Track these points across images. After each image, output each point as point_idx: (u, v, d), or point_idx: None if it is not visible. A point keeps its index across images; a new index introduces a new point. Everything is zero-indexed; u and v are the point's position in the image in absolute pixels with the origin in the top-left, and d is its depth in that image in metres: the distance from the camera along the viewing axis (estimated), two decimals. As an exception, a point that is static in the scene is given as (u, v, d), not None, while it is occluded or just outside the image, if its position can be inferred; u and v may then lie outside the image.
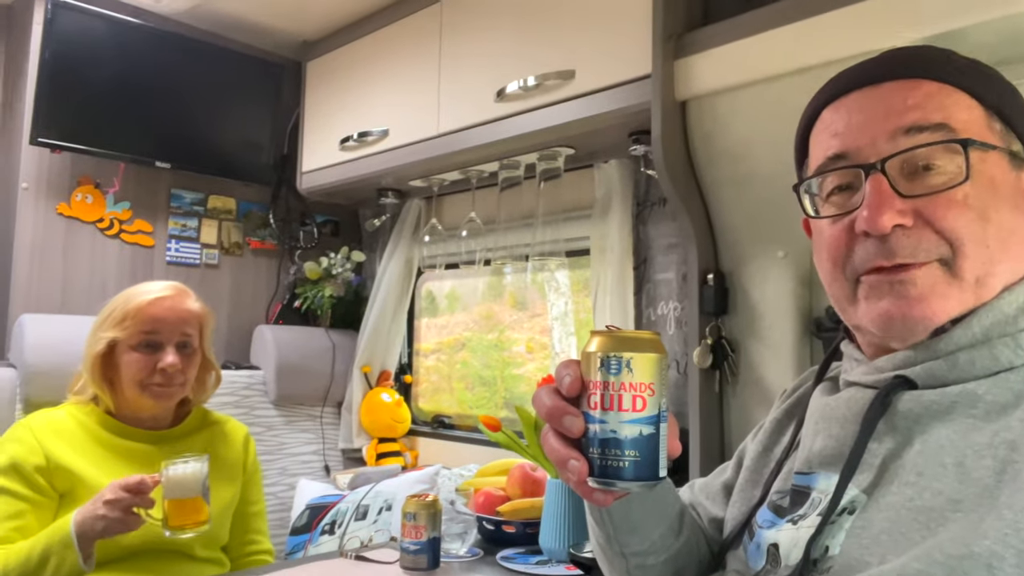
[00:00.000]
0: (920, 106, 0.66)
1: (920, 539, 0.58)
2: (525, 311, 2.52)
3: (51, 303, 2.14)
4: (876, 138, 0.67)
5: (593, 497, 0.63)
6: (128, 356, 1.48)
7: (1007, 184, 0.66)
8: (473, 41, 1.92)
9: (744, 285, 1.51)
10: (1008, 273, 0.65)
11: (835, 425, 0.71)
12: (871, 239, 0.66)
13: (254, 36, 2.48)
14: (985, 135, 0.66)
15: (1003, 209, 0.65)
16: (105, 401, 1.51)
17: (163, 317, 1.50)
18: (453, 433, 2.43)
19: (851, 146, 0.69)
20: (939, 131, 0.65)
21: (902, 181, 0.66)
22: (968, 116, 0.66)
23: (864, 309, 0.68)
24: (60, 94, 2.09)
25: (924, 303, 0.64)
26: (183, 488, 1.30)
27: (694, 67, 1.42)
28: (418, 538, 1.45)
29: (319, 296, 2.53)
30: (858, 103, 0.70)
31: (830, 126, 0.72)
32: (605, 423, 0.60)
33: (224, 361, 2.44)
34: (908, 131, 0.66)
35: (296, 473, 2.38)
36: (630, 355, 0.60)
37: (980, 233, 0.64)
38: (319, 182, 2.41)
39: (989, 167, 0.65)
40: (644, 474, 0.60)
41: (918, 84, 0.68)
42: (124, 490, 1.26)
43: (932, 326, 0.65)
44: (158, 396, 1.50)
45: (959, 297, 0.64)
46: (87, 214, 2.24)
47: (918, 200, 0.65)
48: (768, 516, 0.75)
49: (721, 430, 1.53)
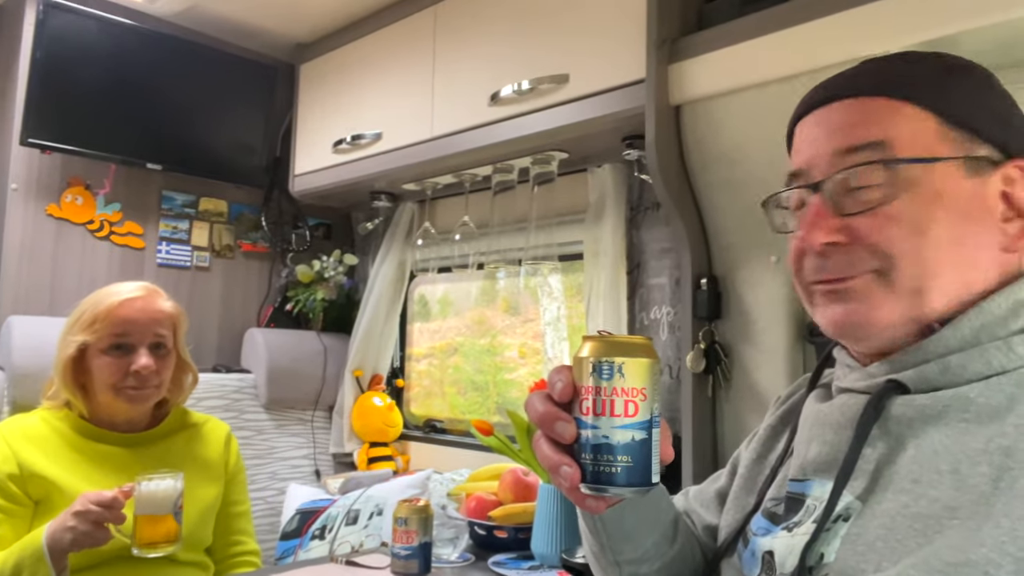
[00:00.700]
0: (859, 123, 0.68)
1: (916, 546, 0.57)
2: (518, 316, 2.52)
3: (40, 305, 2.13)
4: (822, 158, 0.70)
5: (586, 504, 0.63)
6: (99, 360, 1.45)
7: (957, 194, 0.65)
8: (467, 45, 1.92)
9: (737, 290, 1.51)
10: (954, 283, 0.65)
11: (829, 431, 0.71)
12: (811, 255, 0.70)
13: (247, 38, 2.47)
14: (934, 147, 0.66)
15: (947, 220, 0.65)
16: (78, 406, 1.48)
17: (134, 319, 1.47)
18: (445, 438, 2.42)
19: (804, 165, 0.72)
20: (875, 150, 0.67)
21: (842, 199, 0.68)
22: (914, 128, 0.67)
23: (819, 315, 0.72)
24: (51, 95, 2.08)
25: (864, 308, 0.67)
26: (155, 505, 1.29)
27: (688, 72, 1.43)
28: (409, 543, 1.44)
29: (311, 299, 2.52)
30: (813, 122, 0.73)
31: (796, 143, 0.75)
32: (597, 428, 0.60)
33: (214, 364, 2.43)
34: (847, 152, 0.68)
35: (286, 478, 2.37)
36: (622, 360, 0.60)
37: (915, 247, 0.65)
38: (312, 185, 2.41)
39: (936, 180, 0.65)
40: (637, 480, 0.60)
41: (863, 102, 0.69)
42: (95, 504, 1.24)
43: (879, 331, 0.67)
44: (132, 399, 1.47)
45: (894, 305, 0.66)
46: (77, 215, 2.22)
47: (853, 218, 0.67)
48: (763, 523, 0.75)
49: (714, 435, 1.52)
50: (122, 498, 1.25)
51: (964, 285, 0.66)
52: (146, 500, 1.28)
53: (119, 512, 1.25)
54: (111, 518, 1.24)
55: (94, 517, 1.23)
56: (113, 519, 1.24)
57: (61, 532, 1.24)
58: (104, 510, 1.23)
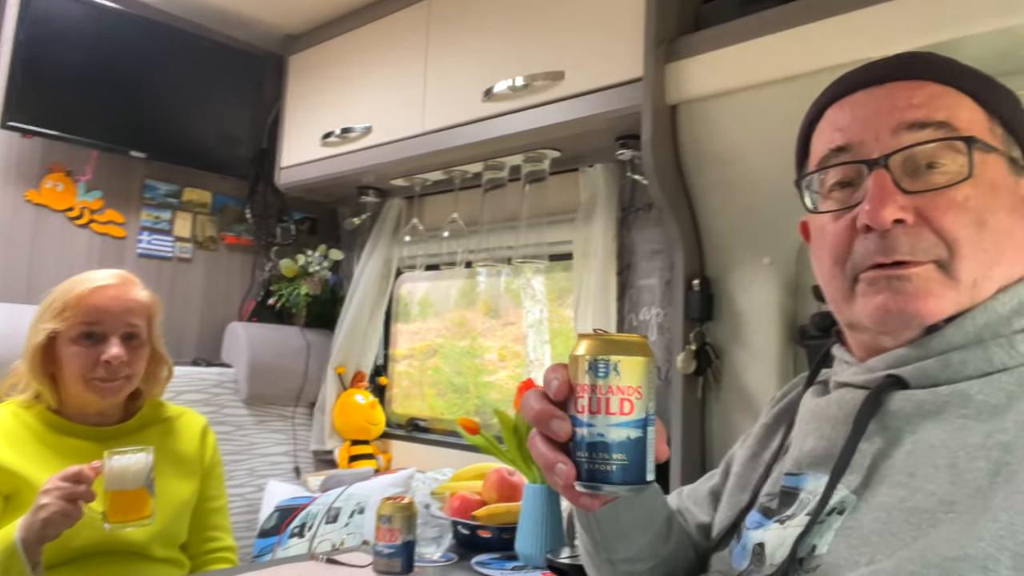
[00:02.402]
0: (924, 104, 0.67)
1: (911, 540, 0.57)
2: (498, 319, 2.51)
3: (16, 292, 2.07)
4: (880, 133, 0.68)
5: (580, 501, 0.62)
6: (69, 349, 1.41)
7: (1006, 188, 0.67)
8: (461, 39, 1.90)
9: (729, 291, 1.51)
10: (1004, 277, 0.66)
11: (826, 425, 0.71)
12: (871, 235, 0.66)
13: (236, 28, 2.44)
14: (987, 137, 0.67)
15: (1000, 213, 0.66)
16: (47, 397, 1.44)
17: (106, 307, 1.42)
18: (428, 436, 2.39)
19: (854, 139, 0.69)
20: (942, 129, 0.66)
21: (904, 178, 0.66)
22: (971, 117, 0.67)
23: (861, 304, 0.68)
24: (34, 78, 2.03)
25: (920, 300, 0.65)
26: (125, 480, 1.25)
27: (685, 71, 1.42)
28: (392, 541, 1.42)
29: (295, 294, 2.48)
30: (862, 100, 0.71)
31: (834, 122, 0.73)
32: (593, 427, 0.59)
33: (194, 358, 2.39)
34: (911, 127, 0.67)
35: (265, 474, 2.33)
36: (618, 358, 0.60)
37: (977, 236, 0.65)
38: (298, 178, 2.38)
39: (989, 169, 0.66)
40: (632, 478, 0.59)
41: (922, 85, 0.69)
42: (62, 479, 1.20)
43: (925, 323, 0.66)
44: (101, 391, 1.43)
45: (954, 299, 0.65)
46: (57, 202, 2.17)
47: (919, 197, 0.65)
48: (756, 518, 0.75)
49: (703, 436, 1.52)
50: (89, 472, 1.21)
51: (1009, 279, 0.67)
52: (116, 475, 1.24)
53: (88, 487, 1.21)
54: (81, 493, 1.20)
55: (63, 493, 1.19)
56: (83, 495, 1.20)
57: (32, 517, 1.20)
58: (73, 484, 1.20)
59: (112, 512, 1.24)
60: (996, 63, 1.08)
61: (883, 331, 0.68)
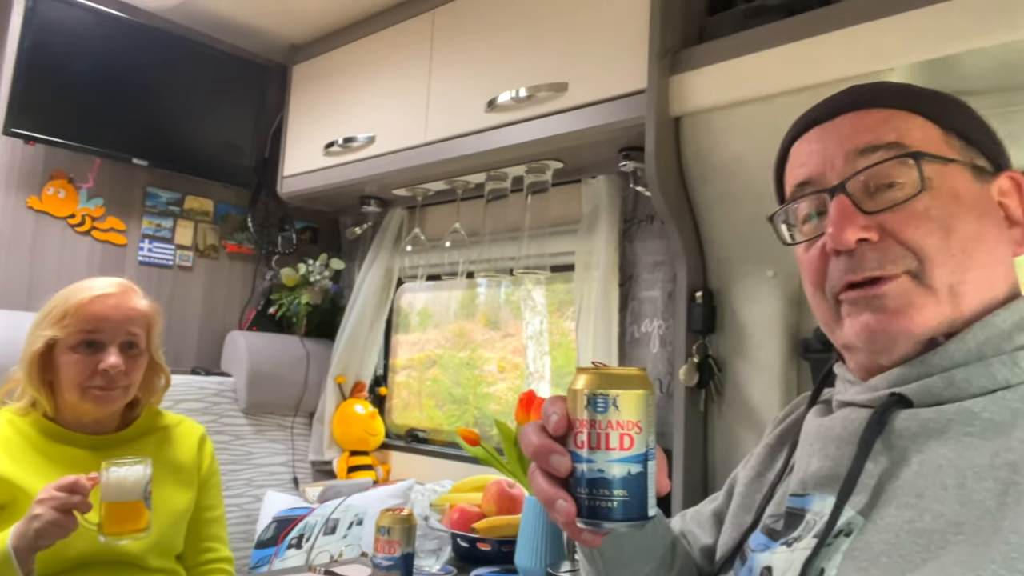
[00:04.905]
0: (874, 129, 0.70)
1: (921, 562, 0.56)
2: (498, 331, 2.50)
3: (16, 299, 2.07)
4: (835, 162, 0.70)
5: (582, 537, 0.62)
6: (67, 357, 1.39)
7: (970, 195, 0.68)
8: (465, 50, 1.91)
9: (732, 304, 1.50)
10: (980, 281, 0.67)
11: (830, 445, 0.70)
12: (841, 257, 0.68)
13: (240, 37, 2.45)
14: (942, 150, 0.69)
15: (967, 219, 0.67)
16: (43, 405, 1.42)
17: (106, 315, 1.41)
18: (427, 448, 2.38)
19: (815, 172, 0.72)
20: (893, 148, 0.68)
21: (865, 199, 0.68)
22: (923, 134, 0.69)
23: (848, 326, 0.70)
24: (38, 85, 2.04)
25: (902, 316, 0.66)
26: (122, 491, 1.23)
27: (689, 84, 1.42)
28: (391, 553, 1.41)
29: (295, 303, 2.48)
30: (818, 135, 0.74)
31: (797, 158, 0.76)
32: (592, 463, 0.59)
33: (194, 367, 2.38)
34: (863, 152, 0.69)
35: (263, 484, 2.32)
36: (616, 392, 0.59)
37: (944, 243, 0.66)
38: (300, 187, 2.38)
39: (949, 179, 0.68)
40: (633, 514, 0.59)
41: (871, 112, 0.71)
42: (58, 489, 1.18)
43: (915, 338, 0.66)
44: (99, 400, 1.41)
45: (936, 307, 0.65)
46: (58, 209, 2.17)
47: (882, 215, 0.67)
48: (761, 540, 0.74)
49: (705, 448, 1.51)
50: (86, 483, 1.20)
51: (988, 284, 0.67)
52: (113, 486, 1.22)
53: (84, 498, 1.19)
54: (76, 504, 1.18)
55: (58, 503, 1.18)
56: (78, 505, 1.19)
57: (26, 526, 1.19)
58: (68, 495, 1.18)
59: (108, 524, 1.23)
60: (999, 77, 1.09)
61: (874, 351, 0.69)
